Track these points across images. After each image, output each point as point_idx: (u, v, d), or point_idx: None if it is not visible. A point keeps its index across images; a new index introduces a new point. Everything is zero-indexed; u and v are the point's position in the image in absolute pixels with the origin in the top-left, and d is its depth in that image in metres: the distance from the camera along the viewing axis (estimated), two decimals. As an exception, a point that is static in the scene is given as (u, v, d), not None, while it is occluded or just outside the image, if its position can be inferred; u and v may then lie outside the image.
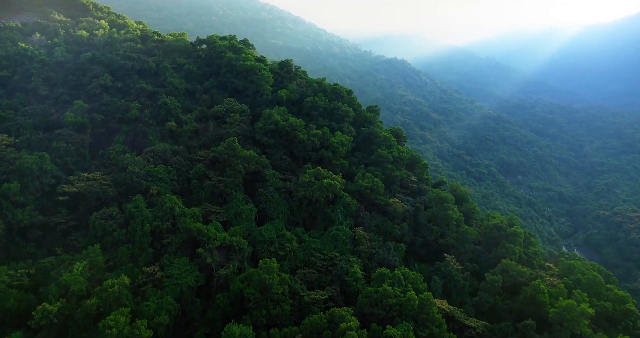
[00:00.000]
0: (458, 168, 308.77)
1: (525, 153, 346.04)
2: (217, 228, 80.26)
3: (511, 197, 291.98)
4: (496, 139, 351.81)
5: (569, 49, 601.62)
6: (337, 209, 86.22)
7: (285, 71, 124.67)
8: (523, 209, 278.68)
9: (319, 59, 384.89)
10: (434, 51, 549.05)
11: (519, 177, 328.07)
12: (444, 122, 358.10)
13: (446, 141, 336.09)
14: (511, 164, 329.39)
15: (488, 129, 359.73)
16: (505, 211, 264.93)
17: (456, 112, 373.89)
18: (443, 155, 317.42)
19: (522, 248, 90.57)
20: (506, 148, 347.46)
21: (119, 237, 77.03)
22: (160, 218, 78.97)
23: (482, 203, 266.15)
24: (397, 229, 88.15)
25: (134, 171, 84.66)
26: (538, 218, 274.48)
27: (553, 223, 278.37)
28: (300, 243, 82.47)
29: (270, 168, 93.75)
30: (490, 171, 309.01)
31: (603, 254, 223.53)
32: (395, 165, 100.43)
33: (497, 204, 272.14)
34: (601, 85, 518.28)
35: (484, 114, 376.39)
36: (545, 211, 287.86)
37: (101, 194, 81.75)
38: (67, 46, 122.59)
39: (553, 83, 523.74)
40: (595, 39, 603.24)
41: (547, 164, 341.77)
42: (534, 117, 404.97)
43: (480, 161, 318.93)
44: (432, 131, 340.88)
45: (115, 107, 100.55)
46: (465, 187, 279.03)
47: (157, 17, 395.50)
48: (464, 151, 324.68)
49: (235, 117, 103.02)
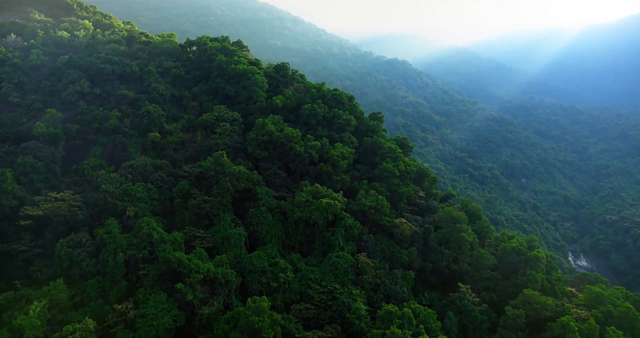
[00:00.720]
0: (461, 171, 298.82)
1: (528, 156, 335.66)
2: (202, 256, 69.61)
3: (515, 201, 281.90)
4: (499, 141, 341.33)
5: (571, 49, 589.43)
6: (337, 233, 75.51)
7: (282, 75, 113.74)
8: (528, 213, 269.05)
9: (319, 59, 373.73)
10: (434, 51, 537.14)
11: (523, 180, 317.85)
12: (446, 124, 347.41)
13: (448, 143, 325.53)
14: (515, 167, 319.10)
15: (491, 131, 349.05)
16: (510, 216, 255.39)
17: (458, 114, 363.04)
18: (445, 158, 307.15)
19: (544, 275, 79.85)
20: (509, 151, 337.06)
21: (88, 268, 66.43)
22: (136, 245, 68.30)
23: (487, 208, 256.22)
24: (405, 254, 77.47)
25: (108, 191, 73.90)
26: (543, 223, 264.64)
27: (558, 228, 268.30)
28: (295, 273, 71.82)
29: (263, 184, 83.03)
30: (494, 175, 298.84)
31: (610, 260, 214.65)
32: (402, 180, 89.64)
33: (502, 209, 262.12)
34: (604, 85, 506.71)
35: (486, 115, 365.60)
36: (550, 215, 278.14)
37: (69, 218, 71.05)
38: (45, 48, 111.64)
39: (555, 84, 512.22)
40: (598, 39, 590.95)
41: (551, 167, 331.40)
42: (537, 119, 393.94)
43: (483, 164, 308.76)
44: (434, 133, 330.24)
45: (92, 117, 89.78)
46: (469, 191, 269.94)
47: (154, 17, 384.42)
48: (466, 153, 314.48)
49: (225, 127, 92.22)
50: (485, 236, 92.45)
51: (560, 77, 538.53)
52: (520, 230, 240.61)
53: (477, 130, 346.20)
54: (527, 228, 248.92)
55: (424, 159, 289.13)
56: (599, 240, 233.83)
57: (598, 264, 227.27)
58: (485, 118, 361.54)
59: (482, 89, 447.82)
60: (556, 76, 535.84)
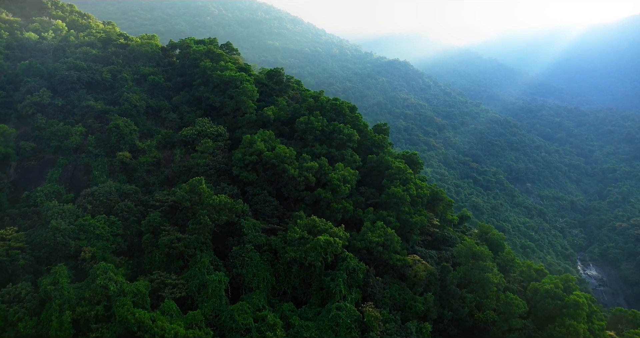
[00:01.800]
0: (464, 175, 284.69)
1: (533, 159, 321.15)
2: (171, 311, 55.19)
3: (521, 207, 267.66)
4: (503, 144, 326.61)
5: (572, 49, 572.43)
6: (338, 278, 61.04)
7: (275, 81, 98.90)
8: (534, 220, 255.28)
9: (318, 61, 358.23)
10: (435, 52, 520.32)
11: (528, 184, 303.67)
12: (449, 127, 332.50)
13: (451, 147, 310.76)
14: (519, 171, 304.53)
15: (494, 134, 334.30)
16: (517, 223, 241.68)
17: (461, 116, 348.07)
18: (448, 162, 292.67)
19: (586, 325, 65.42)
20: (514, 154, 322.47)
21: (26, 331, 51.98)
22: (89, 300, 53.91)
23: (492, 215, 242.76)
24: (420, 302, 63.04)
25: (59, 228, 59.36)
26: (550, 230, 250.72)
27: (566, 235, 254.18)
28: (287, 329, 57.43)
29: (249, 214, 68.49)
30: (498, 179, 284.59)
31: (622, 270, 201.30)
32: (414, 206, 75.12)
33: (508, 215, 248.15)
34: (607, 86, 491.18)
35: (489, 118, 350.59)
36: (557, 222, 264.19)
37: (8, 263, 56.59)
38: (8, 51, 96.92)
39: (557, 84, 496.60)
40: (599, 39, 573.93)
41: (556, 171, 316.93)
42: (541, 121, 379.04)
43: (488, 168, 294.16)
44: (436, 136, 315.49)
45: (51, 133, 75.14)
46: (473, 197, 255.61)
47: (149, 17, 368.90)
48: (470, 157, 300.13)
49: (207, 144, 77.59)
50: (510, 269, 78.05)
51: (562, 78, 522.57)
52: (528, 238, 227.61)
53: (480, 133, 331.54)
54: (535, 236, 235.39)
55: (427, 164, 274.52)
56: (609, 248, 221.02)
57: (608, 273, 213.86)
58: (488, 121, 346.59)
59: (484, 91, 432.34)
60: (558, 76, 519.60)
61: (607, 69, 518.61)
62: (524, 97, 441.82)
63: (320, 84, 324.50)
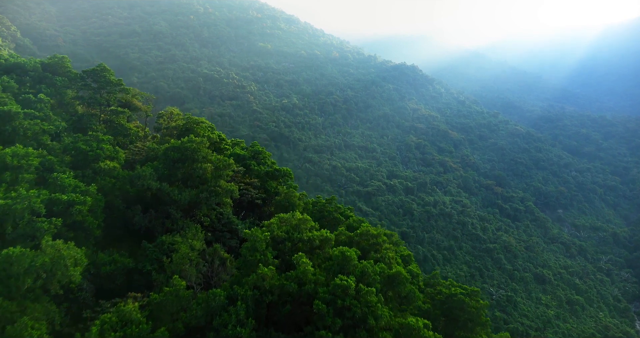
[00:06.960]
0: (488, 203, 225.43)
1: (563, 180, 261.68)
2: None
3: (558, 243, 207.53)
4: (528, 162, 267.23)
5: (585, 51, 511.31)
6: None
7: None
8: (577, 262, 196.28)
9: (316, 65, 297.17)
10: (440, 54, 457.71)
11: (560, 211, 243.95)
12: (465, 143, 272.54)
13: (470, 167, 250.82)
14: (549, 195, 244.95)
15: (517, 150, 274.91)
16: (557, 268, 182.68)
17: (478, 129, 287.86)
18: (469, 187, 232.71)
19: None
20: (541, 174, 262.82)
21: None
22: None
23: (528, 259, 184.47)
24: None
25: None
26: (595, 274, 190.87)
27: (614, 279, 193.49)
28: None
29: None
30: (528, 207, 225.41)
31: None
32: None
33: (546, 258, 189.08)
34: (625, 90, 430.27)
35: (510, 130, 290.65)
36: (601, 261, 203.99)
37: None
38: None
39: (572, 89, 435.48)
40: (614, 40, 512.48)
41: (590, 194, 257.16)
42: (565, 132, 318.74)
43: (514, 194, 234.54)
44: (452, 154, 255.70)
45: None
46: (501, 234, 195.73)
47: (126, 16, 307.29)
48: (493, 181, 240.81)
49: None
50: None
51: (575, 82, 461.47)
52: (574, 289, 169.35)
53: (501, 149, 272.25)
54: (580, 285, 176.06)
55: (444, 191, 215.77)
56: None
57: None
58: (509, 134, 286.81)
59: (497, 97, 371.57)
60: (572, 80, 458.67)
61: (623, 71, 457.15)
62: (540, 103, 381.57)
63: (318, 93, 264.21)
